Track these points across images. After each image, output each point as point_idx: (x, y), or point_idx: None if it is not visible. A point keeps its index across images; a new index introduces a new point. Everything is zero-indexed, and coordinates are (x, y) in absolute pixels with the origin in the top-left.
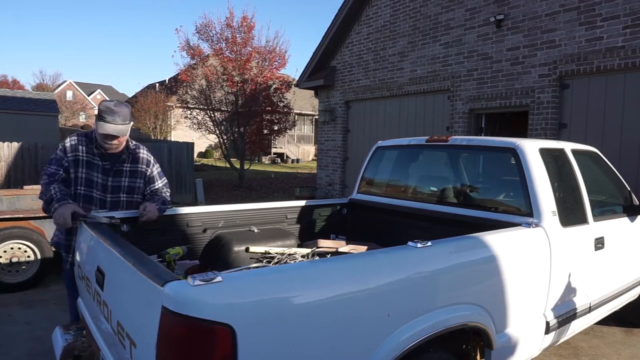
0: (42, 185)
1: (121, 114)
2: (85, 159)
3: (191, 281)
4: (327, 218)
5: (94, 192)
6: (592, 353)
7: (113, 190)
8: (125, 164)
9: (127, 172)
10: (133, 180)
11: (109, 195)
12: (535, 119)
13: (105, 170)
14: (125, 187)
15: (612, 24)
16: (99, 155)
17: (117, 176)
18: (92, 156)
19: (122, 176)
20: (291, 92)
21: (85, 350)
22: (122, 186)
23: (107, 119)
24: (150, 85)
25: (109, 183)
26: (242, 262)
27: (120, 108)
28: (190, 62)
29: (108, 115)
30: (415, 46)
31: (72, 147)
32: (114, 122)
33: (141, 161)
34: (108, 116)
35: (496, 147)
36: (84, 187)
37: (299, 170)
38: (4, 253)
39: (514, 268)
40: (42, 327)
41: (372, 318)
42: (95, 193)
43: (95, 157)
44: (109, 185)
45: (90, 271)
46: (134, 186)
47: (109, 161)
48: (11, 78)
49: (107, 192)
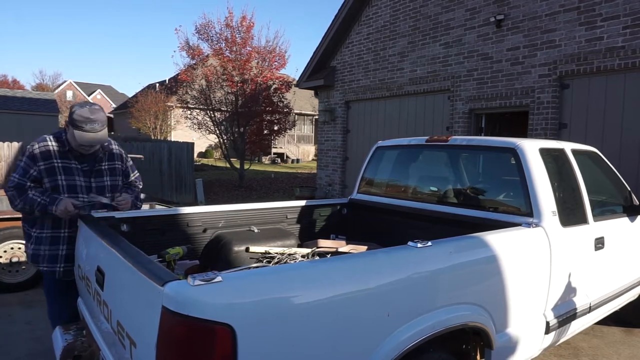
0: (11, 197)
1: (98, 119)
2: (61, 165)
3: (191, 281)
4: (327, 218)
5: (80, 197)
6: (592, 353)
7: (98, 191)
8: (102, 162)
9: (107, 171)
10: (114, 179)
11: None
12: (535, 119)
13: (86, 172)
14: (109, 186)
15: (612, 24)
16: (74, 158)
17: (99, 176)
18: (67, 161)
19: (103, 175)
20: (291, 92)
21: (85, 350)
22: (106, 186)
23: (86, 128)
24: (150, 85)
25: (93, 184)
26: (242, 262)
27: (97, 114)
28: (190, 62)
29: (86, 124)
30: (415, 46)
31: (42, 155)
32: (94, 130)
33: (116, 157)
34: (86, 125)
35: (496, 147)
36: (67, 193)
37: (299, 170)
38: (4, 253)
39: (514, 268)
40: (42, 327)
41: (372, 318)
42: (80, 198)
43: (72, 161)
44: (93, 187)
45: (90, 271)
46: (117, 184)
47: (87, 162)
48: (11, 78)
49: (93, 193)
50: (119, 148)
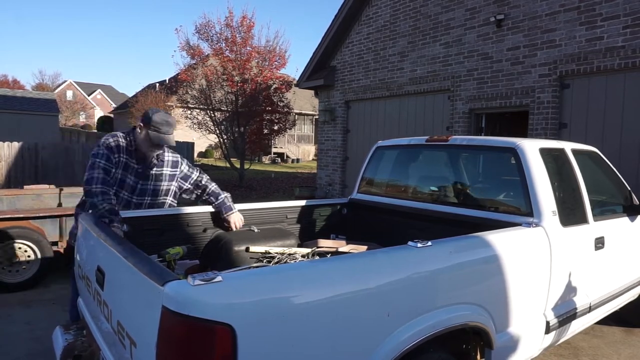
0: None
1: (173, 124)
2: (124, 161)
3: (191, 281)
4: (327, 218)
5: (122, 193)
6: (592, 353)
7: (140, 193)
8: (154, 168)
9: (154, 176)
10: (158, 184)
11: (135, 197)
12: (536, 119)
13: (138, 173)
14: (151, 190)
15: (612, 23)
16: (137, 158)
17: (146, 179)
18: (130, 158)
19: (149, 179)
20: (291, 92)
21: (85, 350)
22: (148, 189)
23: (163, 130)
24: (151, 85)
25: (139, 186)
26: (242, 262)
27: (172, 119)
28: (190, 62)
29: (165, 126)
30: (416, 46)
31: (117, 148)
32: (168, 133)
33: (166, 164)
34: (164, 127)
35: (496, 147)
36: (117, 188)
37: (299, 170)
38: (4, 253)
39: (514, 268)
40: (42, 327)
41: (372, 318)
42: (123, 194)
43: (132, 160)
44: (138, 188)
45: (90, 271)
46: (159, 189)
47: (141, 165)
48: (11, 78)
49: (134, 194)
50: (174, 155)
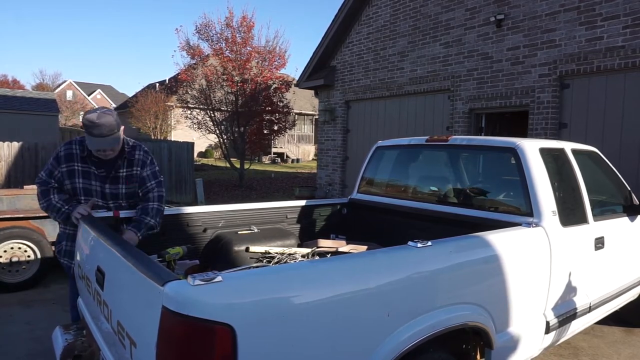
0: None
1: (106, 125)
2: (81, 169)
3: (191, 281)
4: (327, 218)
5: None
6: (592, 353)
7: (112, 198)
8: (120, 169)
9: (124, 179)
10: (132, 186)
11: (111, 202)
12: (536, 119)
13: (101, 177)
14: (124, 194)
15: (612, 23)
16: (94, 163)
17: (114, 183)
18: (86, 165)
19: (118, 183)
20: (291, 92)
21: (85, 350)
22: (120, 193)
23: (94, 133)
24: (151, 85)
25: (107, 190)
26: (242, 262)
27: (103, 119)
28: (190, 62)
29: (93, 129)
30: (416, 46)
31: (66, 157)
32: (101, 135)
33: (135, 163)
34: (95, 129)
35: (496, 147)
36: (83, 196)
37: (299, 170)
38: (4, 253)
39: (514, 268)
40: (42, 327)
41: (372, 318)
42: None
43: (90, 166)
44: (107, 193)
45: (90, 271)
46: (134, 192)
47: (104, 168)
48: (11, 78)
49: (107, 199)
50: (145, 155)
